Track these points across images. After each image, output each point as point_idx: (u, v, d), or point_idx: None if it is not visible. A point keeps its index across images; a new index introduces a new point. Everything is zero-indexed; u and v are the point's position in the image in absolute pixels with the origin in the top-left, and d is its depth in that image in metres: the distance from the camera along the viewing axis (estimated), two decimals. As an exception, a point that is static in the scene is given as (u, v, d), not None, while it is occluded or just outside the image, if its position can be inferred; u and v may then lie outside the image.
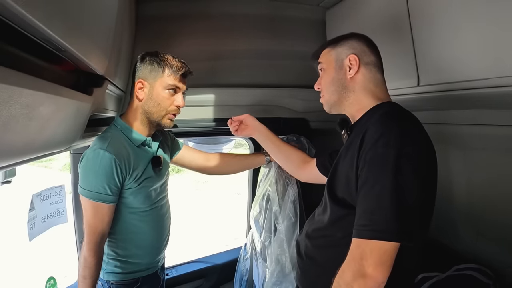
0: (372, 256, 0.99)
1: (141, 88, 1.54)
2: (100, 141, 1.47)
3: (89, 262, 1.47)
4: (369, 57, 1.28)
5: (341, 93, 1.30)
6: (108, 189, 1.45)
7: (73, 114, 1.03)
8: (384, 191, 1.00)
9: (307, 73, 2.33)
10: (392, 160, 1.01)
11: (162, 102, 1.55)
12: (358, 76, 1.27)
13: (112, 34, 1.24)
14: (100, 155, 1.42)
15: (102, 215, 1.48)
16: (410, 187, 1.00)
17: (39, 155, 0.93)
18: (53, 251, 5.52)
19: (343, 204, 1.18)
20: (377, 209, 1.01)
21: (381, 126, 1.09)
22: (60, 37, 0.70)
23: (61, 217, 1.96)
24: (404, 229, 0.99)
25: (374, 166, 1.04)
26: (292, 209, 1.66)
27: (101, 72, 1.16)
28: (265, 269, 1.75)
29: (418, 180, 1.02)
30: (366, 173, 1.06)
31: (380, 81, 1.29)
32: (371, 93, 1.27)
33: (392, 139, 1.03)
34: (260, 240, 1.85)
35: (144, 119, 1.58)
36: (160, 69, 1.52)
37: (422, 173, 1.03)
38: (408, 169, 1.01)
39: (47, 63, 0.84)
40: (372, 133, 1.08)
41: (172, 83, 1.54)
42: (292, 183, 1.74)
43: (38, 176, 10.03)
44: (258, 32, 2.13)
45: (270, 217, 1.76)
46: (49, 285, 1.93)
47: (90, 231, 1.47)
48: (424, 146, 1.08)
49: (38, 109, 0.74)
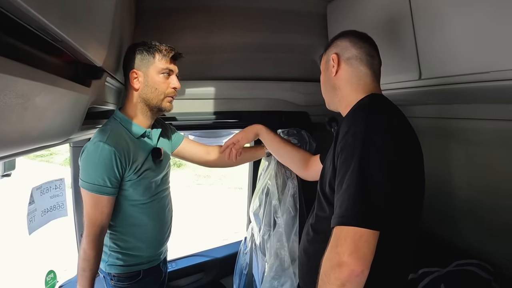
0: (346, 242, 0.99)
1: (135, 78, 1.56)
2: (100, 134, 1.48)
3: (88, 254, 1.48)
4: (349, 52, 1.30)
5: (330, 92, 1.37)
6: (108, 181, 1.47)
7: (70, 106, 1.02)
8: (351, 178, 1.02)
9: (308, 66, 2.33)
10: (359, 148, 1.04)
11: (158, 86, 1.58)
12: (340, 73, 1.32)
13: (110, 25, 1.22)
14: (100, 148, 1.44)
15: (102, 207, 1.49)
16: (375, 173, 1.02)
17: (36, 146, 0.92)
18: (53, 245, 5.53)
19: (331, 200, 1.19)
20: (346, 196, 1.02)
21: (351, 118, 1.15)
22: (56, 26, 0.68)
23: (61, 210, 1.96)
24: (370, 214, 0.99)
25: (343, 156, 1.08)
26: (292, 203, 1.66)
27: (100, 64, 1.15)
28: (264, 263, 1.74)
29: (384, 167, 1.03)
30: (338, 164, 1.10)
31: (364, 73, 1.30)
32: (355, 88, 1.30)
33: (358, 130, 1.07)
34: (259, 234, 1.84)
35: (143, 108, 1.60)
36: (151, 55, 1.55)
37: (389, 160, 1.04)
38: (374, 156, 1.03)
39: (43, 54, 0.83)
40: (343, 125, 1.14)
41: (164, 67, 1.57)
42: (292, 176, 1.73)
43: (39, 170, 10.05)
44: (259, 25, 2.12)
45: (269, 211, 1.75)
46: (49, 278, 1.93)
47: (89, 223, 1.49)
48: (395, 135, 1.09)
49: (34, 100, 0.73)
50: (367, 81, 1.30)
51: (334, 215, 1.06)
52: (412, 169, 1.13)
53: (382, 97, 1.27)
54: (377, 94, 1.28)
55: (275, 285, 1.58)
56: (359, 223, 0.99)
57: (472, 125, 1.58)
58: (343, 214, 1.02)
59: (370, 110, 1.16)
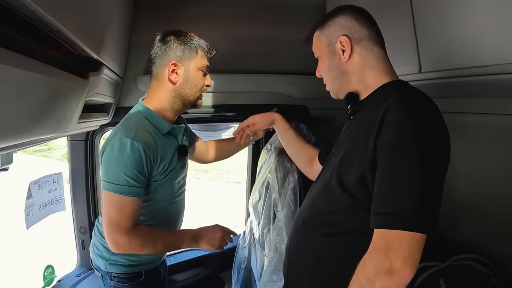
0: (401, 248, 0.90)
1: (174, 70, 1.45)
2: (125, 129, 1.36)
3: (134, 246, 1.39)
4: (360, 32, 1.15)
5: (341, 79, 1.20)
6: (137, 181, 1.35)
7: (67, 98, 1.01)
8: (412, 176, 0.91)
9: (307, 60, 2.30)
10: (420, 142, 0.93)
11: (198, 83, 1.50)
12: (354, 57, 1.16)
13: (107, 17, 1.21)
14: (128, 145, 1.32)
15: (128, 211, 1.36)
16: (437, 172, 0.95)
17: (33, 139, 0.91)
18: (51, 239, 5.52)
19: (350, 191, 1.08)
20: (406, 195, 0.92)
21: (404, 106, 0.99)
22: (52, 16, 0.67)
23: (59, 204, 1.97)
24: (429, 218, 0.92)
25: (399, 148, 0.95)
26: (292, 196, 1.64)
27: (97, 56, 1.14)
28: (263, 257, 1.73)
29: (443, 164, 0.98)
30: (390, 154, 0.96)
31: (381, 55, 1.17)
32: (375, 71, 1.16)
33: (417, 120, 0.95)
34: (258, 228, 1.84)
35: (177, 103, 1.50)
36: (194, 50, 1.46)
37: (446, 155, 0.99)
38: (435, 152, 0.95)
39: (39, 45, 0.81)
40: (395, 113, 0.98)
41: (205, 64, 1.51)
42: (292, 170, 1.71)
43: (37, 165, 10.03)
44: (257, 18, 2.10)
45: (269, 205, 1.73)
46: (47, 273, 1.93)
47: (111, 229, 1.37)
48: (446, 132, 1.01)
49: (30, 90, 0.72)
50: (385, 62, 1.18)
51: (384, 215, 0.95)
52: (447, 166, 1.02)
53: (409, 84, 1.15)
54: (402, 80, 1.17)
55: (274, 279, 1.57)
56: (418, 228, 0.91)
57: (473, 120, 1.57)
58: (400, 216, 0.91)
59: (422, 100, 1.02)
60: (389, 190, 0.95)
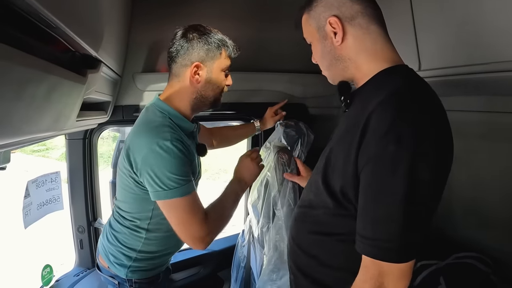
0: (393, 272, 0.85)
1: (196, 72, 1.39)
2: (157, 134, 1.28)
3: (215, 231, 1.39)
4: (351, 8, 0.98)
5: (336, 65, 1.05)
6: (189, 175, 1.32)
7: (66, 95, 1.00)
8: (394, 201, 0.82)
9: (305, 58, 2.30)
10: (406, 162, 0.80)
11: (220, 84, 1.46)
12: (348, 40, 1.00)
13: (106, 14, 1.20)
14: (168, 148, 1.25)
15: (196, 205, 1.34)
16: (427, 195, 0.83)
17: (29, 137, 0.90)
18: (49, 239, 5.51)
19: (335, 196, 0.99)
20: (389, 222, 0.84)
21: (391, 113, 0.84)
22: (50, 11, 0.67)
23: (57, 204, 1.98)
24: (416, 246, 0.86)
25: (382, 167, 0.84)
26: (292, 195, 1.63)
27: (95, 53, 1.13)
28: (262, 255, 1.73)
29: (436, 184, 0.85)
30: (373, 173, 0.86)
31: (378, 33, 1.00)
32: (371, 54, 1.00)
33: (405, 134, 0.80)
34: (258, 226, 1.83)
35: (197, 103, 1.45)
36: (218, 51, 1.40)
37: (441, 173, 0.86)
38: (426, 173, 0.81)
39: (37, 41, 0.81)
40: (378, 121, 0.85)
41: (228, 64, 1.46)
42: (291, 168, 1.71)
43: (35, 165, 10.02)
44: (257, 16, 2.10)
45: (268, 203, 1.72)
46: (45, 273, 1.92)
47: (191, 230, 1.33)
48: (446, 137, 0.88)
49: (28, 87, 0.71)
50: (383, 43, 1.01)
51: (371, 241, 0.87)
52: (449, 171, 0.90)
53: (416, 75, 0.98)
54: (403, 66, 1.01)
55: (274, 278, 1.56)
56: (406, 258, 0.85)
57: (473, 118, 1.57)
58: (384, 246, 0.84)
59: (416, 104, 0.86)
60: (372, 212, 0.87)
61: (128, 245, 1.47)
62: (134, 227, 1.45)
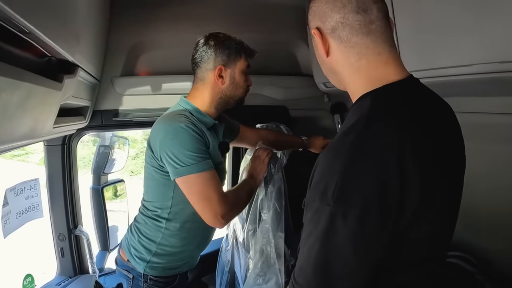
0: None
1: (220, 74, 1.50)
2: (173, 120, 1.41)
3: (234, 211, 1.48)
4: (331, 19, 0.84)
5: (331, 77, 0.96)
6: (205, 153, 1.40)
7: (41, 102, 0.97)
8: (312, 252, 0.72)
9: (287, 60, 2.31)
10: (323, 219, 0.70)
11: (242, 85, 1.56)
12: (334, 54, 0.87)
13: (83, 17, 1.18)
14: (183, 128, 1.36)
15: (214, 182, 1.40)
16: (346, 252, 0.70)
17: (4, 146, 0.87)
18: (30, 247, 5.41)
19: None
20: (306, 269, 0.74)
21: (327, 160, 0.76)
22: (22, 16, 0.64)
23: (37, 211, 1.92)
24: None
25: (307, 211, 0.76)
26: (278, 198, 1.62)
27: (72, 58, 1.11)
28: (247, 260, 1.71)
29: (356, 245, 0.69)
30: (305, 215, 0.77)
31: (363, 46, 0.82)
32: (355, 71, 0.85)
33: (330, 184, 0.70)
34: (242, 230, 1.81)
35: (222, 103, 1.56)
36: (238, 54, 1.52)
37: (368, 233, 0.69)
38: (342, 232, 0.69)
39: (10, 47, 0.78)
40: (319, 164, 0.77)
41: (247, 65, 1.56)
42: (276, 170, 1.69)
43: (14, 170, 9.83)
44: (237, 18, 2.10)
45: (255, 207, 1.71)
46: (27, 282, 1.88)
47: (209, 206, 1.39)
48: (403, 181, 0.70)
49: (1, 96, 0.68)
50: (371, 58, 0.83)
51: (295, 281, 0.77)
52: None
53: (389, 96, 0.81)
54: (386, 89, 0.81)
55: (260, 282, 1.55)
56: None
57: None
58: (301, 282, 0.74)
59: (351, 149, 0.72)
60: (300, 251, 0.78)
61: (149, 236, 1.54)
62: (155, 217, 1.53)
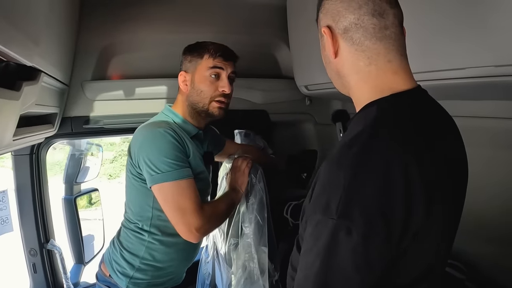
0: None
1: (183, 80, 1.50)
2: (153, 126, 1.41)
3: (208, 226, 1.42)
4: (344, 19, 0.79)
5: (336, 80, 0.91)
6: (183, 161, 1.37)
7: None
8: (313, 269, 0.68)
9: (267, 62, 2.26)
10: (326, 234, 0.66)
11: (204, 88, 1.48)
12: (342, 55, 0.83)
13: (44, 18, 1.09)
14: (160, 133, 1.35)
15: (191, 192, 1.36)
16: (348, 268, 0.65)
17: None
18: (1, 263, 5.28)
19: None
20: (306, 287, 0.69)
21: (330, 173, 0.72)
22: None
23: (6, 225, 1.87)
24: None
25: (308, 226, 0.72)
26: (259, 210, 1.56)
27: (30, 63, 1.01)
28: (230, 275, 1.65)
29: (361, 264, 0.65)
30: (305, 227, 0.74)
31: (375, 52, 0.78)
32: (363, 77, 0.81)
33: (333, 198, 0.66)
34: (223, 243, 1.74)
35: (191, 111, 1.52)
36: (199, 56, 1.48)
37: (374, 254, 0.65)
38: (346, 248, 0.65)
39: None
40: (320, 176, 0.74)
41: (211, 65, 1.47)
42: (257, 180, 1.62)
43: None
44: (214, 18, 2.06)
45: (237, 220, 1.64)
46: (-4, 300, 1.81)
47: (183, 217, 1.35)
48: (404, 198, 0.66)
49: None
50: (381, 64, 0.78)
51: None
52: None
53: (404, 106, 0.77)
54: (397, 99, 0.77)
55: (244, 299, 1.50)
56: None
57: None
58: None
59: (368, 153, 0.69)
60: (298, 268, 0.74)
61: (131, 250, 1.49)
62: (137, 229, 1.48)
